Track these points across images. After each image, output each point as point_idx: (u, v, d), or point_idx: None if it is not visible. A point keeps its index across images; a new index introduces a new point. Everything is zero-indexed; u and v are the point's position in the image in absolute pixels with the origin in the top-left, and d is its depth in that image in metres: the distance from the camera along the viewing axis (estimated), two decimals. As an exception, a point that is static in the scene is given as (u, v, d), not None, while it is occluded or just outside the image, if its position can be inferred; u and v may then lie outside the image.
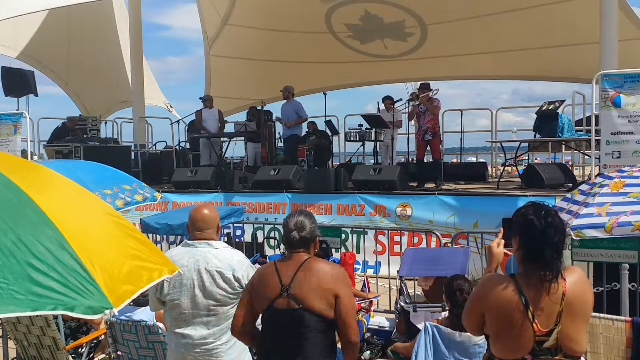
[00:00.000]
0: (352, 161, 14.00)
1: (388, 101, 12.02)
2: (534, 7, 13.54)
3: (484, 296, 2.75)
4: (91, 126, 14.48)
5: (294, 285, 3.01)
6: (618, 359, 3.86)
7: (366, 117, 11.78)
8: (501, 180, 11.16)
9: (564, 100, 10.91)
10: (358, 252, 8.63)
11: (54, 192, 2.68)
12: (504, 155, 11.84)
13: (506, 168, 12.26)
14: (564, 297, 2.59)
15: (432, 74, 16.34)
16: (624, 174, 4.58)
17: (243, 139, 13.04)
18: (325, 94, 13.62)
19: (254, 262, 5.95)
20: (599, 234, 4.20)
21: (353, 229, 8.44)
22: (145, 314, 4.50)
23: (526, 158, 13.23)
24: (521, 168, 12.58)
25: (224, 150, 13.25)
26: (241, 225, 8.67)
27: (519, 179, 11.44)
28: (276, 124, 13.86)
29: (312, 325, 2.98)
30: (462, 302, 3.77)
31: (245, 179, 11.31)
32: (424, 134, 10.74)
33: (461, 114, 12.86)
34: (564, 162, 12.84)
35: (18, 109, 12.70)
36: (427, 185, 10.85)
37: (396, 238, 8.30)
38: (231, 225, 7.93)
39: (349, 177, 10.55)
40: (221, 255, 3.55)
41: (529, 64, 15.41)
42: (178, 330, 3.54)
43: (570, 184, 9.69)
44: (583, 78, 14.35)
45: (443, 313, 4.72)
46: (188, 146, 14.47)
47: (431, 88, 10.92)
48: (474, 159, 17.26)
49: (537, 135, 10.53)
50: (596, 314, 3.88)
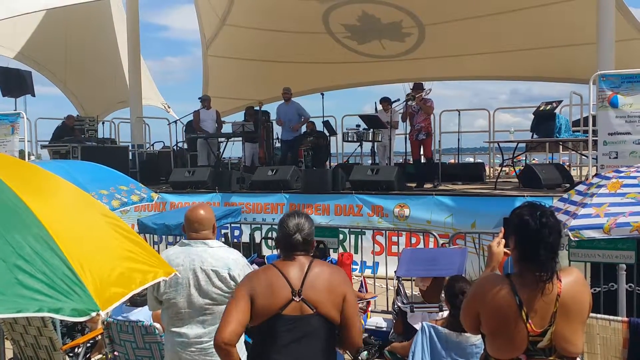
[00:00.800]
0: (350, 162, 14.00)
1: (385, 102, 12.03)
2: (531, 8, 13.55)
3: (479, 295, 2.78)
4: (89, 126, 14.50)
5: (305, 288, 2.84)
6: (615, 359, 3.87)
7: (364, 117, 11.78)
8: (499, 180, 11.17)
9: (561, 101, 10.93)
10: (356, 252, 8.63)
11: (46, 193, 2.65)
12: (501, 155, 11.84)
13: (503, 168, 12.27)
14: (558, 298, 2.59)
15: (429, 74, 16.33)
16: (622, 174, 4.58)
17: (240, 139, 13.02)
18: (322, 95, 13.61)
19: (252, 262, 5.94)
20: (597, 234, 4.19)
21: (351, 230, 8.42)
22: (142, 314, 4.49)
23: (524, 158, 13.24)
24: (518, 168, 12.59)
25: (221, 150, 13.24)
26: (239, 225, 8.66)
27: (516, 180, 11.45)
28: (273, 124, 13.87)
29: (324, 331, 2.85)
30: (462, 303, 3.76)
31: (243, 179, 11.30)
32: (417, 133, 10.75)
33: (459, 114, 12.86)
34: (561, 163, 12.85)
35: (15, 109, 12.70)
36: (424, 186, 10.85)
37: (394, 238, 8.30)
38: (229, 225, 7.93)
39: (346, 177, 10.54)
40: (217, 254, 3.56)
41: (527, 65, 15.42)
42: (174, 329, 3.55)
43: (568, 185, 9.71)
44: (580, 78, 14.36)
45: (440, 313, 4.72)
46: (186, 146, 14.47)
47: (424, 88, 10.94)
48: (471, 159, 17.27)
49: (535, 136, 10.54)
50: (593, 314, 3.88)
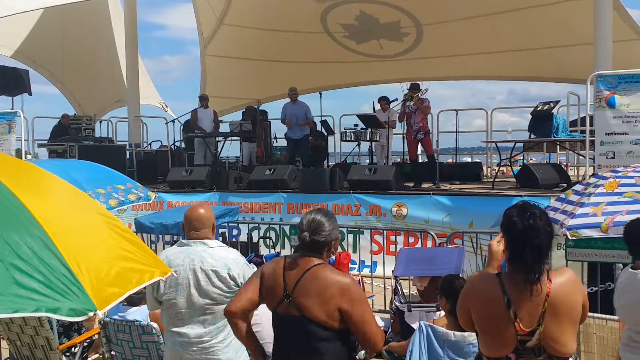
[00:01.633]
0: (347, 161, 14.00)
1: (383, 102, 12.03)
2: (529, 8, 13.56)
3: (470, 293, 2.82)
4: (86, 125, 14.47)
5: (296, 291, 2.85)
6: (612, 359, 3.87)
7: (362, 117, 11.78)
8: (496, 180, 11.18)
9: (558, 101, 10.94)
10: (354, 251, 8.64)
11: (43, 192, 2.64)
12: (499, 155, 11.85)
13: (501, 168, 12.28)
14: (547, 298, 2.60)
15: (427, 74, 16.33)
16: (619, 174, 4.60)
17: (238, 138, 13.01)
18: (321, 94, 13.60)
19: (249, 261, 5.94)
20: (594, 233, 4.21)
21: (349, 229, 8.42)
22: (140, 314, 4.48)
23: (521, 158, 13.25)
24: (516, 168, 12.61)
25: (219, 149, 13.22)
26: (237, 225, 8.66)
27: (514, 179, 11.46)
28: (271, 123, 13.85)
29: (316, 334, 2.82)
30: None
31: (241, 178, 11.29)
32: (415, 133, 10.76)
33: (456, 114, 12.87)
34: (558, 163, 12.86)
35: (12, 108, 12.67)
36: (422, 185, 10.85)
37: (392, 238, 8.31)
38: (226, 224, 7.93)
39: (344, 177, 10.54)
40: (216, 254, 3.55)
41: (524, 65, 15.43)
42: (175, 329, 3.54)
43: (565, 184, 9.71)
44: (578, 79, 14.38)
45: (438, 313, 4.72)
46: (183, 146, 14.45)
47: (421, 88, 10.94)
48: (468, 159, 17.29)
49: (532, 136, 10.55)
50: (590, 313, 3.89)
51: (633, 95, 7.98)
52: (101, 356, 5.22)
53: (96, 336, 5.29)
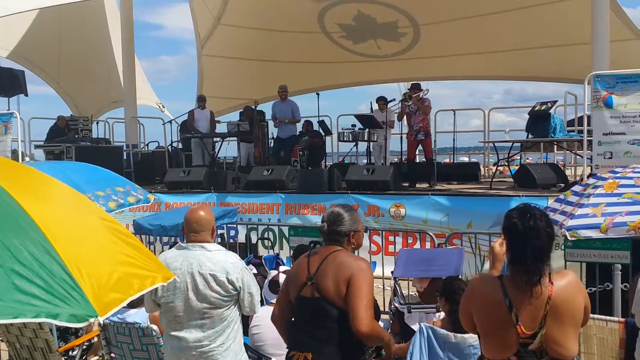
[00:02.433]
0: (345, 161, 14.00)
1: (381, 102, 12.04)
2: (526, 8, 13.59)
3: (471, 296, 2.82)
4: (83, 126, 14.44)
5: (318, 274, 3.13)
6: (612, 360, 3.88)
7: (359, 117, 11.78)
8: (494, 180, 11.20)
9: (556, 101, 10.96)
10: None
11: (43, 196, 2.61)
12: (496, 155, 11.86)
13: (498, 168, 12.29)
14: (549, 301, 2.60)
15: (424, 74, 16.36)
16: (618, 174, 4.61)
17: (236, 139, 13.00)
18: (318, 94, 13.61)
19: (248, 263, 5.94)
20: (594, 234, 4.22)
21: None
22: (139, 316, 4.46)
23: (518, 158, 13.26)
24: (513, 168, 12.63)
25: (216, 150, 13.21)
26: (235, 226, 8.64)
27: (511, 179, 11.47)
28: (269, 124, 13.83)
29: (329, 314, 3.07)
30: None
31: (239, 179, 11.28)
32: (416, 134, 10.78)
33: (454, 114, 12.88)
34: (555, 163, 12.88)
35: (8, 109, 12.63)
36: (420, 185, 10.86)
37: (390, 238, 8.30)
38: (225, 226, 7.91)
39: (342, 177, 10.54)
40: (215, 258, 3.53)
41: (521, 65, 15.46)
42: (173, 333, 3.53)
43: (562, 184, 9.74)
44: (575, 78, 14.41)
45: (437, 314, 4.72)
46: (180, 146, 14.42)
47: (422, 88, 10.95)
48: (465, 159, 17.31)
49: (530, 136, 10.57)
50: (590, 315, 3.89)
51: (630, 96, 8.00)
52: (100, 358, 5.21)
53: (95, 338, 5.27)
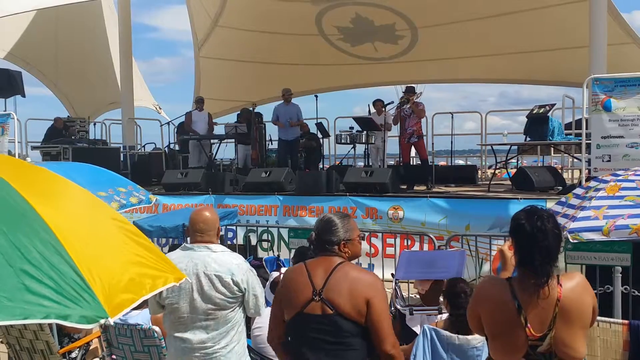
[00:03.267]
0: (342, 164, 13.99)
1: (379, 104, 12.05)
2: (523, 12, 13.65)
3: (479, 297, 2.82)
4: (79, 127, 14.41)
5: (327, 289, 2.90)
6: (615, 362, 3.88)
7: (358, 119, 11.78)
8: (492, 183, 11.21)
9: (554, 104, 10.98)
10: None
11: (53, 195, 2.60)
12: (494, 158, 11.88)
13: (496, 171, 12.31)
14: (558, 303, 2.59)
15: (422, 76, 16.39)
16: (619, 177, 4.62)
17: (233, 141, 12.98)
18: (316, 96, 13.61)
19: (248, 264, 5.92)
20: (596, 236, 4.22)
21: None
22: (141, 318, 4.44)
23: (514, 161, 13.29)
24: (509, 171, 12.65)
25: (214, 152, 13.19)
26: (233, 227, 8.63)
27: (509, 182, 11.49)
28: (266, 125, 13.82)
29: (351, 332, 2.88)
30: (464, 304, 3.77)
31: (237, 181, 11.26)
32: (409, 137, 10.76)
33: (452, 116, 12.89)
34: (552, 165, 12.92)
35: (5, 110, 12.58)
36: (417, 188, 10.86)
37: (389, 240, 8.30)
38: (223, 227, 7.90)
39: (340, 179, 10.53)
40: (220, 259, 3.52)
41: (519, 68, 15.52)
42: (177, 335, 3.51)
43: (560, 187, 9.76)
44: (571, 82, 14.47)
45: (439, 316, 4.71)
46: (177, 148, 14.40)
47: (416, 91, 10.96)
48: (461, 162, 17.34)
49: (528, 139, 10.59)
50: (594, 317, 3.90)
51: (629, 99, 8.02)
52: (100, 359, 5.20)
53: (95, 340, 5.25)
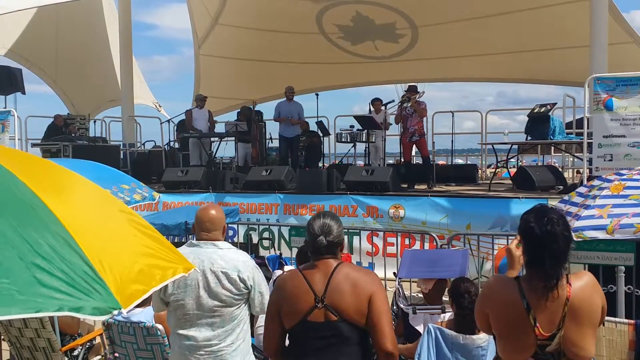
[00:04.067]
0: (342, 162, 13.99)
1: (378, 103, 12.07)
2: (524, 11, 13.64)
3: (488, 297, 2.81)
4: (79, 125, 14.40)
5: (329, 295, 2.78)
6: (621, 362, 3.88)
7: (358, 118, 11.78)
8: (492, 182, 11.21)
9: (555, 103, 10.98)
10: (351, 253, 8.60)
11: (62, 188, 2.59)
12: (495, 157, 11.89)
13: (494, 170, 12.31)
14: (567, 302, 2.58)
15: (422, 75, 16.38)
16: (624, 176, 4.62)
17: (234, 139, 12.97)
18: (317, 95, 13.60)
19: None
20: (600, 235, 4.22)
21: (349, 230, 8.36)
22: (144, 315, 4.42)
23: (513, 160, 13.28)
24: (507, 171, 12.66)
25: (214, 150, 13.18)
26: (235, 226, 8.62)
27: (509, 181, 11.50)
28: (266, 124, 13.82)
29: (350, 337, 2.79)
30: (469, 304, 3.77)
31: (237, 179, 11.25)
32: (411, 135, 10.76)
33: (452, 115, 12.88)
34: (553, 165, 12.92)
35: (5, 107, 12.56)
36: (418, 187, 10.86)
37: (390, 239, 8.29)
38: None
39: (341, 178, 10.53)
40: (227, 256, 3.52)
41: (519, 67, 15.51)
42: (182, 332, 3.50)
43: (561, 187, 9.77)
44: (571, 81, 14.48)
45: (442, 315, 4.71)
46: (177, 146, 14.39)
47: (418, 90, 10.95)
48: (460, 161, 17.34)
49: (529, 138, 10.59)
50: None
51: (631, 98, 8.02)
52: (103, 357, 5.18)
53: (98, 338, 5.24)
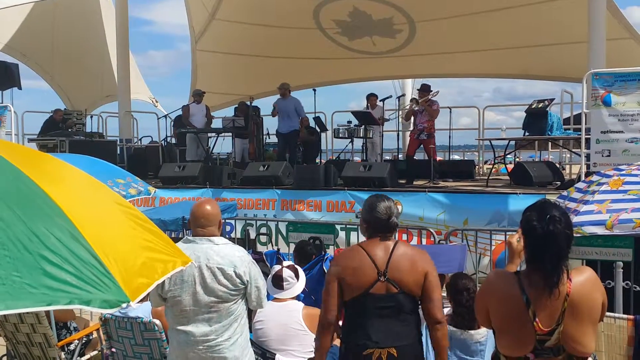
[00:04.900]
0: (340, 158, 13.97)
1: (373, 98, 12.06)
2: (522, 6, 13.61)
3: (487, 291, 2.80)
4: (76, 120, 14.34)
5: (391, 269, 3.10)
6: (619, 357, 3.87)
7: (356, 113, 11.76)
8: (490, 178, 11.20)
9: (553, 99, 10.95)
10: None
11: (63, 181, 2.59)
12: (493, 153, 11.88)
13: (492, 166, 12.32)
14: (567, 298, 2.58)
15: (420, 71, 16.36)
16: (622, 172, 4.61)
17: (230, 134, 12.94)
18: (315, 90, 13.58)
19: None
20: (599, 230, 4.21)
21: (347, 226, 8.33)
22: (142, 311, 4.41)
23: (510, 156, 13.29)
24: (503, 167, 12.67)
25: (211, 145, 13.15)
26: (232, 221, 8.60)
27: (506, 177, 11.49)
28: (264, 119, 13.79)
29: (410, 308, 3.12)
30: (467, 301, 3.76)
31: (234, 174, 11.22)
32: (419, 133, 10.75)
33: (450, 111, 12.86)
34: (550, 160, 12.92)
35: (2, 102, 12.51)
36: (416, 183, 10.84)
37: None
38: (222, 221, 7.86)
39: (338, 173, 10.51)
40: (222, 252, 3.51)
41: (516, 63, 15.49)
42: (180, 328, 3.49)
43: (559, 182, 9.76)
44: (569, 77, 14.47)
45: (441, 310, 4.69)
46: (174, 141, 14.35)
47: (431, 90, 10.88)
48: (456, 157, 17.34)
49: (527, 134, 10.58)
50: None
51: (629, 94, 8.00)
52: (99, 353, 5.16)
53: (94, 333, 5.22)
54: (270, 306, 4.20)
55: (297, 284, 4.38)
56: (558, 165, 11.92)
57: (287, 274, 4.35)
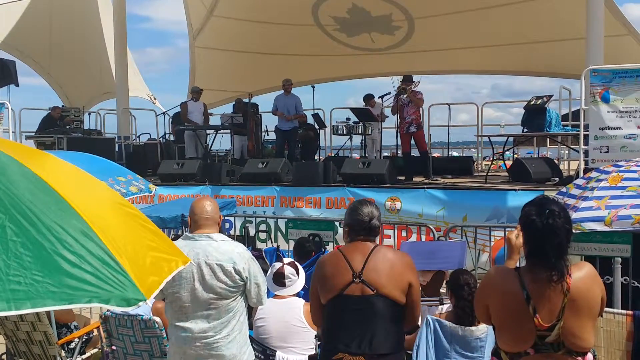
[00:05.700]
0: (339, 155, 13.98)
1: (371, 101, 12.14)
2: (520, 3, 13.62)
3: (487, 287, 2.81)
4: (74, 117, 14.31)
5: (367, 270, 3.04)
6: (619, 353, 3.89)
7: (355, 110, 11.77)
8: (489, 174, 11.21)
9: (551, 95, 10.96)
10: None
11: (71, 181, 2.60)
12: (492, 149, 11.88)
13: (493, 162, 12.32)
14: (567, 293, 2.58)
15: (418, 68, 16.32)
16: (621, 168, 4.62)
17: (229, 131, 12.93)
18: (313, 87, 13.57)
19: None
20: (598, 227, 4.22)
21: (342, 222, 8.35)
22: (142, 309, 4.41)
23: (508, 153, 13.30)
24: (502, 163, 12.67)
25: (209, 142, 13.14)
26: (231, 218, 8.60)
27: (505, 173, 11.50)
28: (262, 116, 13.79)
29: (390, 315, 3.03)
30: (468, 296, 3.77)
31: (233, 171, 11.22)
32: (408, 126, 10.72)
33: (449, 108, 12.87)
34: (548, 157, 12.93)
35: (-1, 99, 12.47)
36: (415, 179, 10.85)
37: (387, 232, 8.28)
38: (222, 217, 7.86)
39: (337, 170, 10.50)
40: (221, 248, 3.51)
41: (515, 59, 15.50)
42: (178, 324, 3.50)
43: (557, 179, 9.77)
44: (567, 73, 14.47)
45: (440, 307, 4.71)
46: (172, 138, 14.34)
47: (413, 80, 10.92)
48: (456, 153, 17.34)
49: (525, 130, 10.59)
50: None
51: (627, 91, 8.01)
52: (100, 351, 5.16)
53: (95, 331, 5.22)
54: (271, 303, 4.21)
55: (298, 281, 4.40)
56: (556, 162, 11.94)
57: (289, 271, 4.36)
